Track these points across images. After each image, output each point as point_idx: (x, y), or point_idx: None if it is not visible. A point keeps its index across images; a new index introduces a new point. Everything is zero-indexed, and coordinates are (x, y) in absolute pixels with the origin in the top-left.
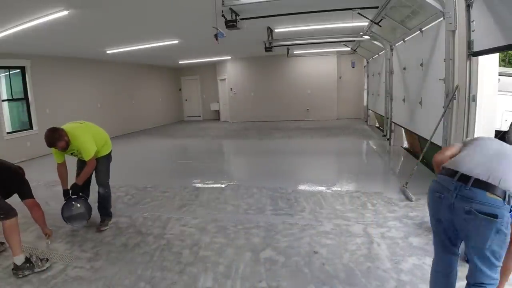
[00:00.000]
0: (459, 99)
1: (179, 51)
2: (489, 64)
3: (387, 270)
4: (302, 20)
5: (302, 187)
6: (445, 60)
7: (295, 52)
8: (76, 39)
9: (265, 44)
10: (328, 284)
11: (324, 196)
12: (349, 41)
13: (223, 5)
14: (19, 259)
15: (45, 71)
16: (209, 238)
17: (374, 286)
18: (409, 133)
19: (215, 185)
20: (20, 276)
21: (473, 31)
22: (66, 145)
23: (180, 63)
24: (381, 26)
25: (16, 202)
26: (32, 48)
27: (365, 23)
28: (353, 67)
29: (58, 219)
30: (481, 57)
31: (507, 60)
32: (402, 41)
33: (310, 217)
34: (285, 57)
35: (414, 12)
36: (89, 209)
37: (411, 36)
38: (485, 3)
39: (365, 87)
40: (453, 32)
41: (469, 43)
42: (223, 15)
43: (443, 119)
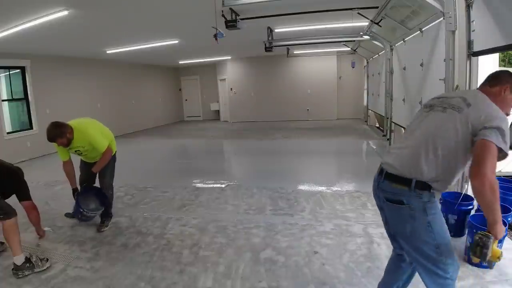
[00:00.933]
0: None
1: (179, 51)
2: (489, 64)
3: None
4: (302, 20)
5: (302, 187)
6: (445, 60)
7: (295, 52)
8: (76, 39)
9: (265, 44)
10: (328, 284)
11: (324, 196)
12: (349, 41)
13: (223, 5)
14: (19, 259)
15: (45, 71)
16: (209, 238)
17: (374, 286)
18: None
19: (215, 185)
20: (20, 276)
21: (473, 31)
22: (67, 142)
23: (180, 63)
24: (381, 26)
25: (16, 202)
26: (32, 48)
27: (365, 23)
28: (353, 67)
29: (58, 219)
30: (481, 57)
31: (507, 60)
32: (402, 41)
33: (310, 217)
34: (285, 57)
35: (414, 12)
36: (104, 196)
37: (411, 36)
38: (485, 3)
39: (365, 87)
40: (453, 32)
41: (469, 43)
42: (223, 15)
43: None
